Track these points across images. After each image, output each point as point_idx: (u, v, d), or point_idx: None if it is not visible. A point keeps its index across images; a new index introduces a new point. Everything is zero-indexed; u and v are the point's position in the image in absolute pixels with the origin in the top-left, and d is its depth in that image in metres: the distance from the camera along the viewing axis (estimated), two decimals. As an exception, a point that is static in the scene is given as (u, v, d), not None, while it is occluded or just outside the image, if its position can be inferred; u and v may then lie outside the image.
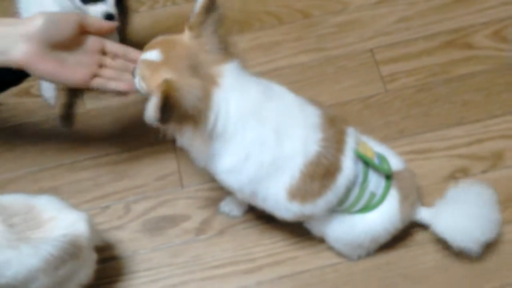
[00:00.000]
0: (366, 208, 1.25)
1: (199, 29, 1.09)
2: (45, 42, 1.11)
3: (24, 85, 1.53)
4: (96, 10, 1.30)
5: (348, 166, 1.18)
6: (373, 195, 1.24)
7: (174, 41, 1.11)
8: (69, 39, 1.15)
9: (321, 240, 1.38)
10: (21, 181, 1.48)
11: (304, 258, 1.40)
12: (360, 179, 1.22)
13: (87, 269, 1.22)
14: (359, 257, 1.37)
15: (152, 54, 1.09)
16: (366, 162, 1.22)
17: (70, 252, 1.14)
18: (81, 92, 1.57)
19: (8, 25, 1.11)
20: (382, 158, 1.26)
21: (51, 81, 1.16)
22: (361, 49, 1.61)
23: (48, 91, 1.50)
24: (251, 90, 1.12)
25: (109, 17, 1.30)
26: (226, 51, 1.11)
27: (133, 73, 1.16)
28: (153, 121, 1.04)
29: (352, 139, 1.20)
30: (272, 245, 1.42)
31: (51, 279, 1.14)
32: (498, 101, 1.53)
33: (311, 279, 1.38)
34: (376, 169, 1.23)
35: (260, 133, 1.11)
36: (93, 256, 1.24)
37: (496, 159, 1.47)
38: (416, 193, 1.31)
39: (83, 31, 1.18)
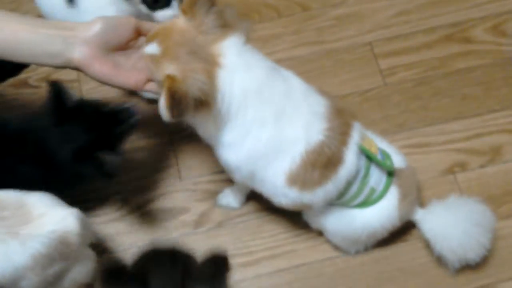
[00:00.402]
0: (365, 203, 1.25)
1: (192, 11, 1.07)
2: (102, 45, 1.13)
3: (22, 76, 1.52)
4: (164, 15, 1.29)
5: (351, 159, 1.18)
6: (373, 190, 1.24)
7: (170, 28, 1.09)
8: (126, 43, 1.16)
9: (319, 234, 1.38)
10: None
11: (302, 251, 1.40)
12: (361, 174, 1.21)
13: (82, 268, 1.19)
14: (357, 252, 1.38)
15: (151, 47, 1.09)
16: (369, 157, 1.22)
17: (59, 249, 1.11)
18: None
19: (68, 29, 1.13)
20: (385, 154, 1.26)
21: (106, 83, 1.17)
22: (360, 42, 1.61)
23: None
24: (255, 69, 1.10)
25: None
26: (225, 27, 1.08)
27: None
28: (168, 119, 1.03)
29: (357, 133, 1.19)
30: (270, 238, 1.42)
31: (41, 278, 1.12)
32: (497, 96, 1.53)
33: (309, 273, 1.38)
34: (379, 165, 1.23)
35: (261, 112, 1.11)
36: (89, 254, 1.22)
37: (494, 154, 1.47)
38: (415, 193, 1.31)
39: (140, 35, 1.19)
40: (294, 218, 1.38)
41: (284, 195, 1.19)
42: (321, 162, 1.15)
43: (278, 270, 1.39)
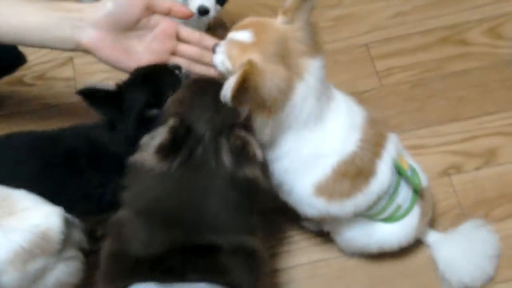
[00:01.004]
0: (390, 219, 1.23)
1: (293, 15, 1.06)
2: (112, 26, 1.12)
3: (17, 73, 1.52)
4: (193, 3, 1.26)
5: (383, 171, 1.15)
6: (399, 207, 1.22)
7: (266, 24, 1.08)
8: (137, 22, 1.14)
9: (314, 235, 1.38)
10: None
11: (296, 252, 1.39)
12: (391, 190, 1.19)
13: (67, 268, 1.17)
14: (353, 254, 1.37)
15: (243, 34, 1.06)
16: (400, 173, 1.19)
17: (41, 246, 1.10)
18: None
19: (76, 11, 1.12)
20: (414, 171, 1.23)
21: (116, 67, 1.15)
22: (357, 44, 1.61)
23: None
24: (322, 94, 1.09)
25: (203, 12, 1.25)
26: (316, 45, 1.08)
27: (213, 50, 1.12)
28: (228, 100, 1.01)
29: (392, 145, 1.17)
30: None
31: (21, 274, 1.10)
32: (493, 98, 1.53)
33: (303, 273, 1.37)
34: (409, 182, 1.20)
35: (313, 132, 1.10)
36: (75, 255, 1.19)
37: (489, 156, 1.47)
38: (431, 213, 1.30)
39: (151, 12, 1.16)
40: (289, 220, 1.37)
41: (310, 205, 1.17)
42: (351, 173, 1.13)
43: (272, 271, 1.38)
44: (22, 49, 1.47)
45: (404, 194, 1.22)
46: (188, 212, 1.04)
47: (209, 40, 1.21)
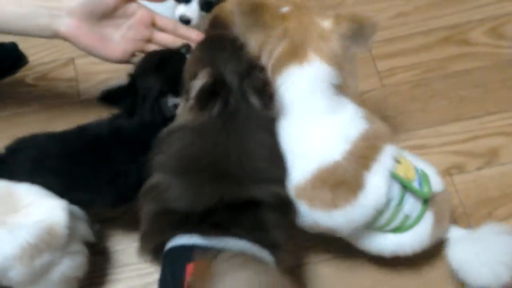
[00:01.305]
0: (400, 229, 1.21)
1: (346, 24, 1.14)
2: (88, 15, 1.14)
3: (19, 74, 1.52)
4: (180, 11, 1.28)
5: (375, 185, 1.12)
6: (407, 217, 1.20)
7: (310, 13, 1.16)
8: (113, 10, 1.17)
9: (314, 236, 1.38)
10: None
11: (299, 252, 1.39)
12: (395, 202, 1.17)
13: (72, 262, 1.18)
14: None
15: (285, 8, 1.13)
16: (403, 185, 1.17)
17: (47, 240, 1.11)
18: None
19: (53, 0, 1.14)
20: (424, 177, 1.20)
21: (93, 55, 1.19)
22: (358, 44, 1.61)
23: None
24: (322, 94, 1.13)
25: (184, 21, 1.27)
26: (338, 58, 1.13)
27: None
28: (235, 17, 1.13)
29: (388, 158, 1.14)
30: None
31: (29, 269, 1.11)
32: (495, 98, 1.53)
33: (305, 274, 1.37)
34: (415, 193, 1.17)
35: (299, 127, 1.14)
36: (80, 249, 1.21)
37: (491, 156, 1.47)
38: (449, 217, 1.27)
39: (128, 1, 1.19)
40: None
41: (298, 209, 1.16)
42: (331, 182, 1.11)
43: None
44: (23, 49, 1.48)
45: (412, 204, 1.19)
46: (230, 164, 1.08)
47: (183, 29, 1.26)
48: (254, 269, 0.96)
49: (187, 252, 1.02)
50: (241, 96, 1.10)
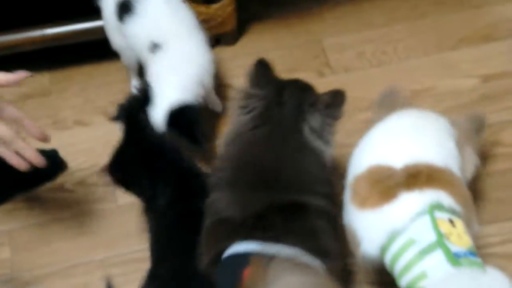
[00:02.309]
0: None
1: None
2: None
3: (58, 180, 1.55)
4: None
5: (402, 204, 1.16)
6: (423, 275, 1.09)
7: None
8: None
9: None
10: (54, 276, 1.48)
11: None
12: (421, 245, 1.11)
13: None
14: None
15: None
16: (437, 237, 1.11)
17: None
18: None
19: None
20: (474, 261, 1.11)
21: None
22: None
23: None
24: None
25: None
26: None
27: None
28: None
29: (432, 197, 1.16)
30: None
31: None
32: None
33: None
34: (444, 253, 1.09)
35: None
36: None
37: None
38: None
39: None
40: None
41: None
42: (373, 180, 1.20)
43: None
44: (63, 156, 1.51)
45: (435, 262, 1.09)
46: (282, 174, 1.18)
47: (26, 120, 1.21)
48: (306, 273, 1.04)
49: (243, 257, 1.08)
50: (297, 118, 1.23)
